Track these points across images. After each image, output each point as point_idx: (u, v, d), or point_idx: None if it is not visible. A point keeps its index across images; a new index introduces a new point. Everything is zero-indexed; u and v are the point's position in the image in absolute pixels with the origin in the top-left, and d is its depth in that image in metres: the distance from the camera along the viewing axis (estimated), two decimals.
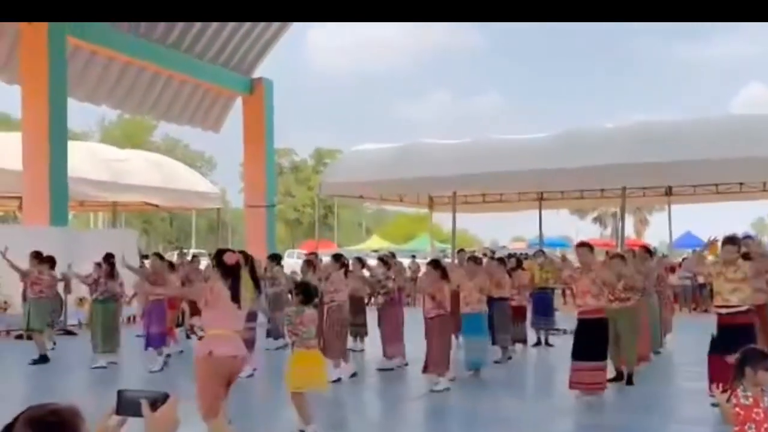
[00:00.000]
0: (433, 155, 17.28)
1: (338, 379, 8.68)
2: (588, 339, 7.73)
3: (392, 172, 17.24)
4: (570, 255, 11.44)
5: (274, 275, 11.95)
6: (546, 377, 10.07)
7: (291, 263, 23.91)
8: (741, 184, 17.30)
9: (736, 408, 3.84)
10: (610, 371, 8.41)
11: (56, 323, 13.04)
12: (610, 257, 9.29)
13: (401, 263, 14.46)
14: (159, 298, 10.58)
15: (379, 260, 11.36)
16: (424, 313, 8.69)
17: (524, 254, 17.71)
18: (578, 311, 7.98)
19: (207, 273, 11.53)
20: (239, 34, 23.00)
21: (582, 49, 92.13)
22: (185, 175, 22.40)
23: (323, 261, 12.14)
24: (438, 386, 8.29)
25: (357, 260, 10.78)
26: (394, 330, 10.14)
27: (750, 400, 3.83)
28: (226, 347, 5.09)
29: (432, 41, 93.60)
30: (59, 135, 16.48)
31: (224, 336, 5.13)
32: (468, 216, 23.32)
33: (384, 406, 8.42)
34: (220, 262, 5.32)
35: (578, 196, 20.05)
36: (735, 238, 7.32)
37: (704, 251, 8.50)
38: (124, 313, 13.18)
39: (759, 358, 3.91)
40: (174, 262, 12.31)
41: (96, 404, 2.19)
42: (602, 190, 18.34)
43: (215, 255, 5.55)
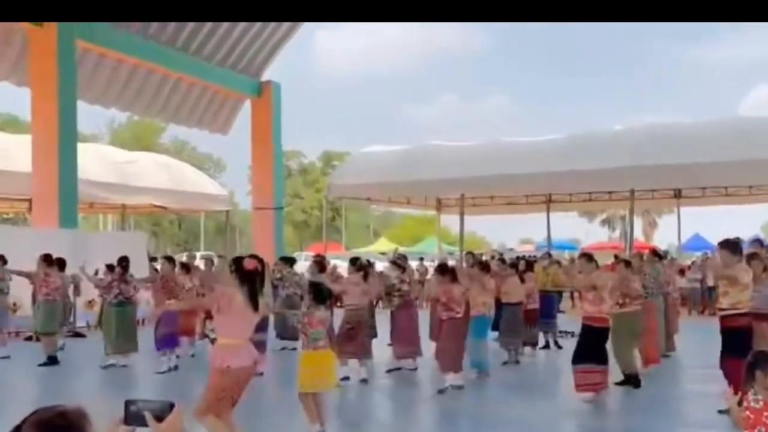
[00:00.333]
0: (441, 157, 17.28)
1: (347, 378, 8.70)
2: (587, 344, 7.78)
3: (400, 175, 17.26)
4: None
5: (284, 277, 11.89)
6: (553, 380, 10.04)
7: (298, 266, 23.85)
8: (750, 187, 17.23)
9: (747, 411, 3.81)
10: (617, 376, 8.39)
11: (65, 325, 13.06)
12: (616, 262, 9.28)
13: (410, 266, 14.41)
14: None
15: (393, 263, 11.31)
16: (437, 316, 8.69)
17: (534, 256, 17.68)
18: (582, 316, 8.08)
19: (218, 275, 11.54)
20: (248, 37, 23.06)
21: (589, 51, 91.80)
22: (194, 178, 22.48)
23: (331, 263, 12.06)
24: (443, 385, 8.36)
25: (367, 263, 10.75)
26: (410, 332, 10.11)
27: (760, 404, 3.80)
28: (241, 358, 5.19)
29: (438, 43, 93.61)
30: (69, 137, 16.56)
31: (236, 346, 5.21)
32: (476, 218, 23.33)
33: (393, 408, 8.40)
34: (239, 268, 5.37)
35: (586, 199, 20.01)
36: (733, 242, 7.22)
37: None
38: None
39: None
40: (189, 264, 12.09)
41: (104, 406, 2.19)
42: (611, 193, 18.27)
43: (234, 261, 5.61)
